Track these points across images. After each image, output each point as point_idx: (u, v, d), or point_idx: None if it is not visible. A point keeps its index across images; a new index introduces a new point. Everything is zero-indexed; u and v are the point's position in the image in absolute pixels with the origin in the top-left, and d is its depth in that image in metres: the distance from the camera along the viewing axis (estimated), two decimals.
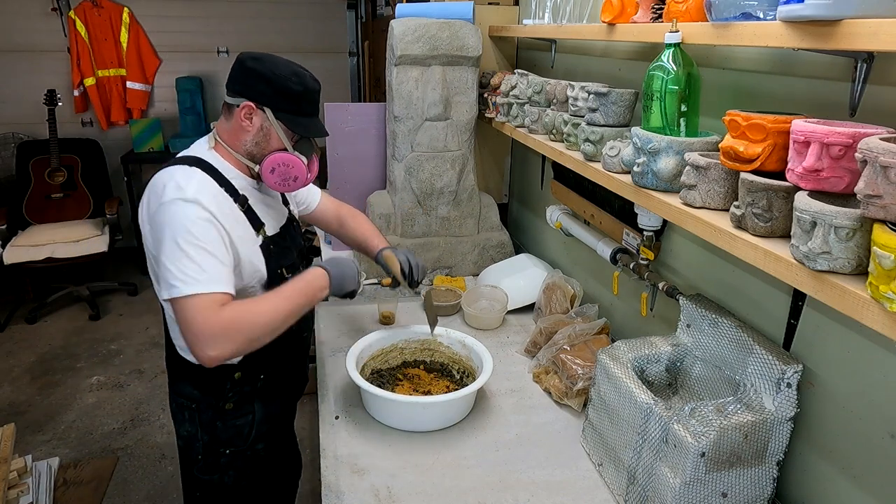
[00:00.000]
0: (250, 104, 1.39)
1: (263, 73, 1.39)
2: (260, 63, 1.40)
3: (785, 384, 1.15)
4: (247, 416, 1.54)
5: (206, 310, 1.25)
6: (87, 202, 4.51)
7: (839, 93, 1.03)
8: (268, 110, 1.40)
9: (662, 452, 1.19)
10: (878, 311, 0.77)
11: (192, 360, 1.46)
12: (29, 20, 4.73)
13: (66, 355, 3.78)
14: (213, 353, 1.25)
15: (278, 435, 1.68)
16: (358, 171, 2.58)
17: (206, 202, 1.31)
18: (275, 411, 1.61)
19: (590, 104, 1.51)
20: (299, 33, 5.23)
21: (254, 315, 1.31)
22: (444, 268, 2.43)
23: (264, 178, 1.43)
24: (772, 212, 0.96)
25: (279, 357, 1.56)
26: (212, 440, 1.52)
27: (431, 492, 1.34)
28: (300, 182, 1.45)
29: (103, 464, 2.80)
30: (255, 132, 1.41)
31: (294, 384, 1.72)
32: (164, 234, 1.28)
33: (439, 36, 2.21)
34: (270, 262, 1.46)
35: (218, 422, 1.51)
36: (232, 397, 1.50)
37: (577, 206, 2.04)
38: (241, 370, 1.49)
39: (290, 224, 1.60)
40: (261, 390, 1.55)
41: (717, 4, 1.05)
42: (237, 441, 1.54)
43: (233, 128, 1.43)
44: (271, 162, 1.41)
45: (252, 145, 1.43)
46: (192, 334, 1.25)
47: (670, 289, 1.50)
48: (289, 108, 1.42)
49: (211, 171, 1.39)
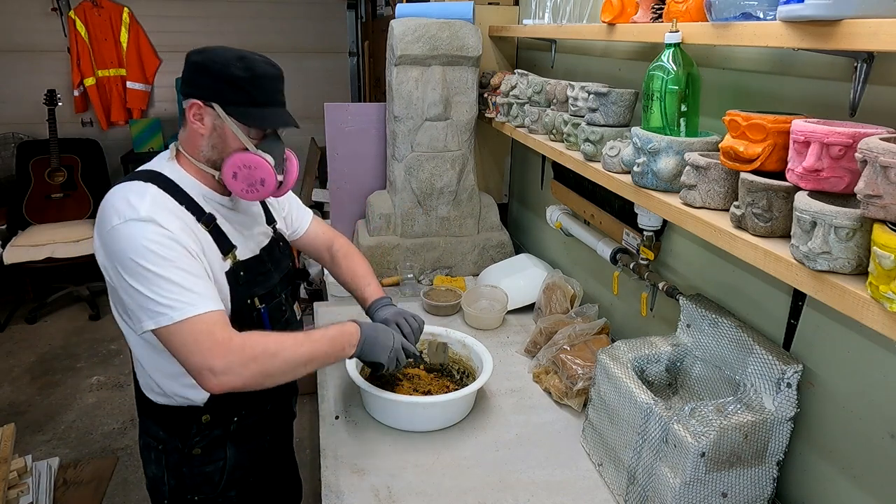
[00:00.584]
0: (197, 102, 1.23)
1: (205, 65, 1.23)
2: (202, 55, 1.24)
3: (785, 384, 1.15)
4: (216, 463, 1.39)
5: (210, 333, 1.14)
6: (87, 202, 4.51)
7: (839, 93, 1.03)
8: (216, 105, 1.23)
9: (662, 452, 1.19)
10: (878, 311, 0.77)
11: (158, 400, 1.34)
12: (29, 20, 4.73)
13: (66, 355, 3.78)
14: (225, 380, 1.13)
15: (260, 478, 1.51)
16: (358, 171, 2.58)
17: (163, 220, 1.17)
18: (253, 454, 1.46)
19: (590, 104, 1.51)
20: (299, 33, 5.23)
21: (274, 346, 1.20)
22: (444, 268, 2.43)
23: (228, 185, 1.27)
24: (772, 212, 0.96)
25: (255, 398, 1.40)
26: (178, 485, 1.39)
27: (431, 492, 1.34)
28: (269, 186, 1.27)
29: (103, 464, 2.80)
30: (209, 133, 1.26)
31: (279, 423, 1.57)
32: (124, 262, 1.14)
33: (439, 36, 2.21)
34: (238, 291, 1.30)
35: (184, 467, 1.37)
36: (199, 442, 1.36)
37: (577, 206, 2.04)
38: (210, 412, 1.35)
39: (274, 245, 1.46)
40: (235, 434, 1.40)
41: (717, 4, 1.05)
42: (206, 488, 1.39)
43: (189, 133, 1.28)
44: (231, 165, 1.25)
45: (209, 150, 1.27)
46: (199, 360, 1.13)
47: (670, 289, 1.50)
48: (238, 100, 1.23)
49: (169, 186, 1.24)
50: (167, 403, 1.35)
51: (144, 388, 1.38)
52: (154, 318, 1.14)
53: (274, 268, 1.44)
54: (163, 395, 1.35)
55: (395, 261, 2.39)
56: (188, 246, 1.19)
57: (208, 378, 1.14)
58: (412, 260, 2.40)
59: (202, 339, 1.14)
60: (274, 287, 1.42)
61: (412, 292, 2.28)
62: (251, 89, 1.24)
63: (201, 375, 1.15)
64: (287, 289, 1.49)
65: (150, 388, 1.36)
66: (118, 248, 1.15)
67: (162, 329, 1.15)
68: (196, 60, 1.25)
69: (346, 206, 2.63)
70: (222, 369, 1.13)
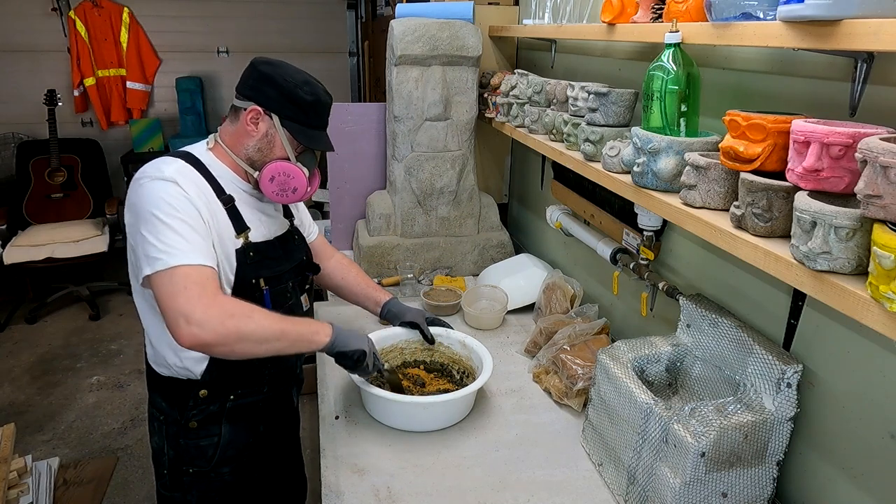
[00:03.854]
0: (258, 108, 1.37)
1: (274, 79, 1.36)
2: (272, 68, 1.37)
3: (785, 384, 1.15)
4: (212, 438, 1.45)
5: (201, 284, 1.19)
6: (87, 202, 4.51)
7: (839, 93, 1.03)
8: (275, 117, 1.38)
9: (662, 452, 1.19)
10: (878, 311, 0.77)
11: (162, 372, 1.42)
12: (29, 20, 4.74)
13: (66, 355, 3.78)
14: (197, 331, 1.17)
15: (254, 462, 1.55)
16: (358, 171, 2.58)
17: (184, 184, 1.28)
18: (245, 438, 1.50)
19: (590, 104, 1.51)
20: (299, 33, 5.23)
21: (250, 311, 1.25)
22: (444, 268, 2.43)
23: (262, 186, 1.39)
24: (772, 212, 0.96)
25: (252, 379, 1.47)
26: (177, 456, 1.46)
27: (431, 492, 1.34)
28: (299, 194, 1.41)
29: (103, 464, 2.80)
30: (259, 138, 1.39)
31: (277, 410, 1.59)
32: (141, 211, 1.24)
33: (439, 36, 2.21)
34: (244, 269, 1.38)
35: (181, 439, 1.45)
36: (196, 416, 1.43)
37: (577, 206, 2.04)
38: (207, 387, 1.42)
39: (289, 237, 1.54)
40: (231, 412, 1.46)
41: (717, 4, 1.05)
42: (199, 461, 1.46)
43: (237, 131, 1.40)
44: (271, 170, 1.38)
45: (254, 150, 1.40)
46: (181, 304, 1.17)
47: (670, 289, 1.50)
48: (296, 118, 1.39)
49: (198, 165, 1.36)
50: (170, 375, 1.43)
51: (152, 361, 1.45)
52: (152, 263, 1.21)
53: (285, 257, 1.49)
54: (166, 366, 1.42)
55: (395, 261, 2.39)
56: (200, 210, 1.28)
57: (182, 326, 1.17)
58: (412, 260, 2.40)
59: (190, 287, 1.19)
60: (282, 273, 1.47)
61: (412, 292, 2.28)
62: (310, 113, 1.40)
63: (177, 323, 1.18)
64: (296, 278, 1.54)
65: (156, 361, 1.44)
66: (140, 202, 1.26)
67: (156, 275, 1.21)
68: (265, 72, 1.37)
69: (346, 206, 2.63)
70: (198, 320, 1.17)
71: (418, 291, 2.21)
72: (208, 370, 1.40)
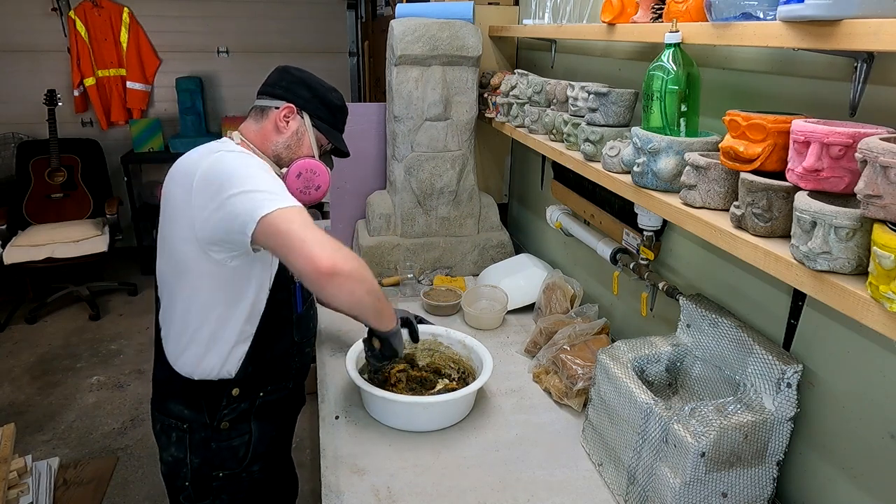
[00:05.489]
0: (291, 106, 1.44)
1: (308, 82, 1.47)
2: (304, 73, 1.50)
3: (785, 384, 1.15)
4: (243, 436, 1.48)
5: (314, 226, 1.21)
6: (87, 202, 4.51)
7: (839, 93, 1.03)
8: (306, 116, 1.46)
9: (662, 452, 1.19)
10: (878, 311, 0.77)
11: (186, 373, 1.40)
12: (29, 20, 4.74)
13: (66, 355, 3.78)
14: (338, 259, 1.18)
15: (275, 457, 1.61)
16: (358, 171, 2.58)
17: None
18: (271, 432, 1.55)
19: (590, 104, 1.51)
20: (299, 33, 5.23)
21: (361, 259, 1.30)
22: (444, 268, 2.43)
23: (288, 181, 1.44)
24: (772, 212, 0.96)
25: (281, 373, 1.53)
26: (203, 463, 1.46)
27: (431, 492, 1.34)
28: (321, 192, 1.49)
29: (103, 464, 2.80)
30: (290, 135, 1.45)
31: (292, 404, 1.67)
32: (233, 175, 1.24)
33: (439, 36, 2.21)
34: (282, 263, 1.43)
35: (212, 442, 1.45)
36: (228, 415, 1.45)
37: (577, 206, 2.04)
38: (240, 386, 1.44)
39: None
40: (259, 409, 1.50)
41: (717, 4, 1.05)
42: (230, 463, 1.48)
43: (264, 129, 1.45)
44: (299, 167, 1.45)
45: (283, 148, 1.46)
46: (313, 237, 1.18)
47: (670, 289, 1.50)
48: (326, 119, 1.49)
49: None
50: (202, 378, 1.41)
51: (179, 365, 1.41)
52: (268, 205, 1.19)
53: None
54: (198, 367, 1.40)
55: (395, 261, 2.39)
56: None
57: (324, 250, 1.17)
58: (412, 260, 2.40)
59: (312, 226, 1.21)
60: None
61: (412, 292, 2.28)
62: (338, 116, 1.54)
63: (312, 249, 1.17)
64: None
65: (186, 363, 1.40)
66: (224, 169, 1.26)
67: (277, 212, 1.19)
68: (298, 75, 1.49)
69: (346, 206, 2.63)
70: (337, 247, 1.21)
71: (418, 291, 2.21)
72: (243, 367, 1.42)
